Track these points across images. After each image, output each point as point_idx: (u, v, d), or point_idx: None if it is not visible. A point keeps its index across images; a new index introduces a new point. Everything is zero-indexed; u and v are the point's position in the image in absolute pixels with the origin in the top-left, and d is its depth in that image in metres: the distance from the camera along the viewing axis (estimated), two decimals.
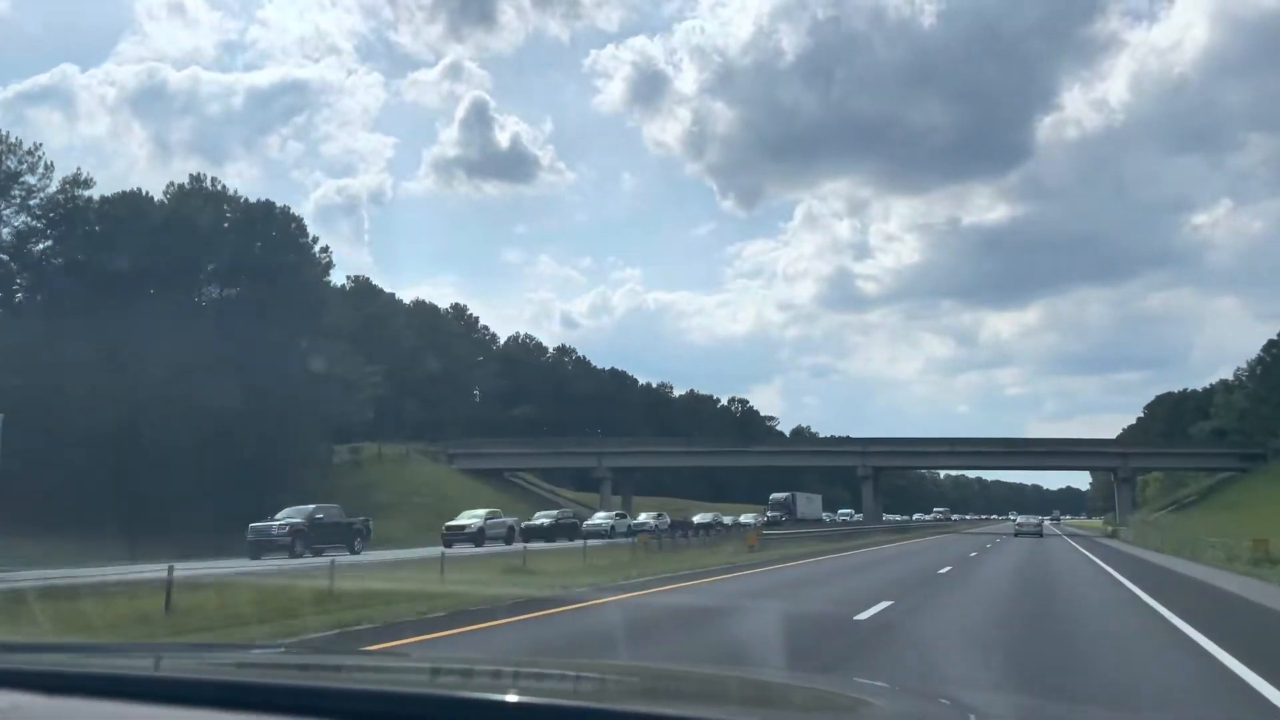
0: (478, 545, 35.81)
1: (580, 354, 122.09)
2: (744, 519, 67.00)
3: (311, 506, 33.78)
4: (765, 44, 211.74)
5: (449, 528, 38.55)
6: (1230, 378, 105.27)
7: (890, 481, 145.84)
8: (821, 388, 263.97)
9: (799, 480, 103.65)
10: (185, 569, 16.35)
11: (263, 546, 30.52)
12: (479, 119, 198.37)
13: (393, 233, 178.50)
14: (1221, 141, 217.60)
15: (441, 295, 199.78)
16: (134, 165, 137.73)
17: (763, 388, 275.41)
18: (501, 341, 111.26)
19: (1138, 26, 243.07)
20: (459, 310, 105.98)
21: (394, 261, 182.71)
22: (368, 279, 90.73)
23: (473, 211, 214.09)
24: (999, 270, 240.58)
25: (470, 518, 40.47)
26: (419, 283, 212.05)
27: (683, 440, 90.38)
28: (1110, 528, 74.72)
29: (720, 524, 59.74)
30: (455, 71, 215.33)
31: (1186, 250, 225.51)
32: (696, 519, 62.51)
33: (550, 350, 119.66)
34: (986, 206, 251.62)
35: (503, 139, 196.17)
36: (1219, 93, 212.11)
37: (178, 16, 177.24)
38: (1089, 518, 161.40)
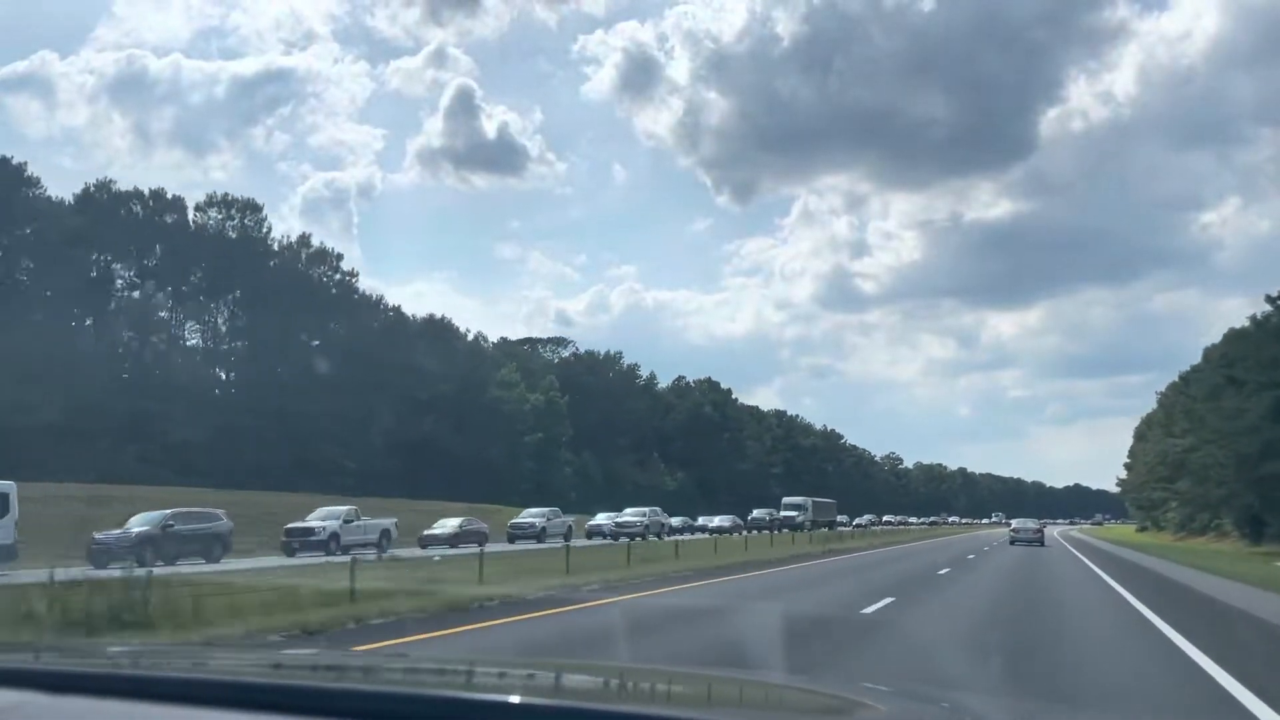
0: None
1: None
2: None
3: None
4: (760, 31, 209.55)
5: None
6: None
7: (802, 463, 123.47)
8: (821, 389, 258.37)
9: None
10: None
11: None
12: (465, 108, 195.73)
13: (381, 228, 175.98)
14: (1231, 136, 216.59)
15: (436, 293, 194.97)
16: (115, 156, 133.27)
17: (763, 389, 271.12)
18: None
19: (1146, 16, 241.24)
20: None
21: (384, 259, 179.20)
22: None
23: (461, 205, 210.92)
24: (1001, 269, 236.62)
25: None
26: (410, 280, 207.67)
27: None
28: None
29: None
30: (439, 59, 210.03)
31: (1194, 249, 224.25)
32: None
33: None
34: (989, 203, 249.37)
35: (490, 128, 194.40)
36: (1229, 85, 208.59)
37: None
38: (1113, 521, 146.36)
